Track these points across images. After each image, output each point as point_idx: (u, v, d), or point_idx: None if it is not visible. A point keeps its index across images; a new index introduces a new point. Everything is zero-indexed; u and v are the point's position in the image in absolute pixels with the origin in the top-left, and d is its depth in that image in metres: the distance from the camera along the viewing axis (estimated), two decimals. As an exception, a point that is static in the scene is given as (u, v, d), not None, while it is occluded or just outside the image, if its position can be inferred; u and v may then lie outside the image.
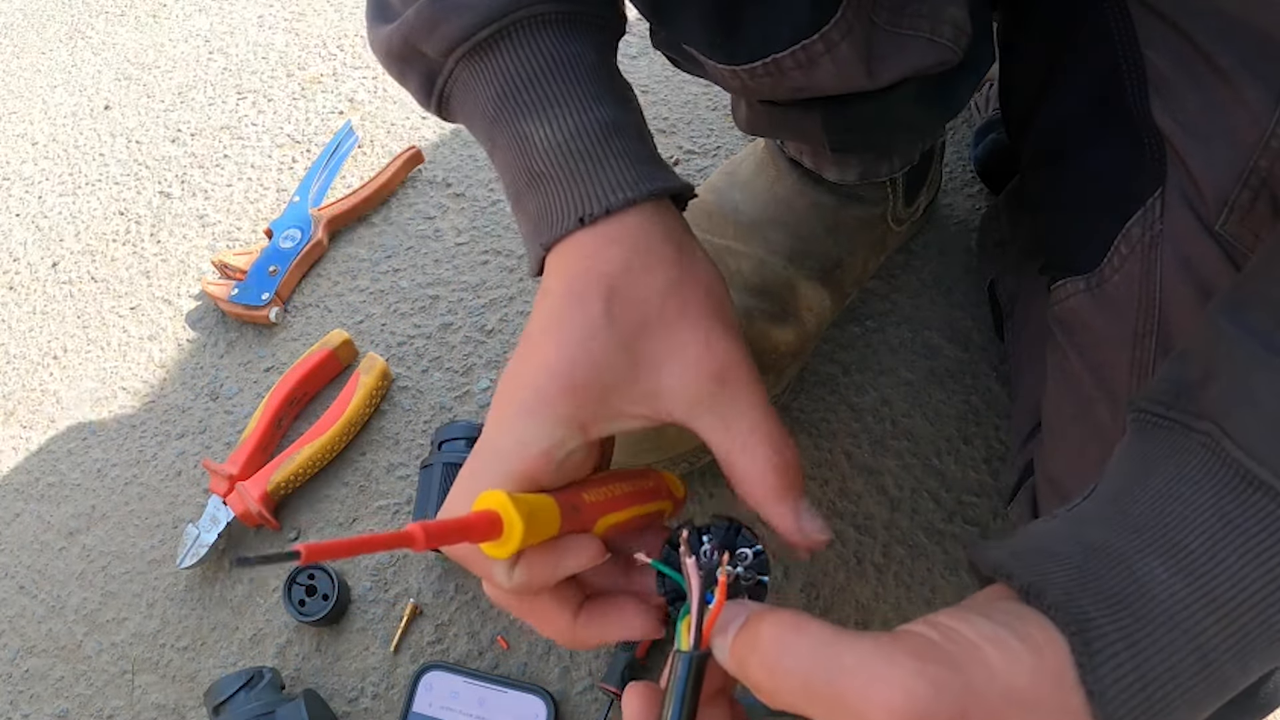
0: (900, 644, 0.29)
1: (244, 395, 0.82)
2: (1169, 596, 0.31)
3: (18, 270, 0.95)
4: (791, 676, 0.30)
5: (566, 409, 0.36)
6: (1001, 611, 0.31)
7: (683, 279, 0.39)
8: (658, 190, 0.40)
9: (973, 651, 0.29)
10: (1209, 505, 0.31)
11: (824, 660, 0.29)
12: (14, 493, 0.81)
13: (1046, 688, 0.29)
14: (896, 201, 0.70)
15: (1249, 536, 0.31)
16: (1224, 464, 0.32)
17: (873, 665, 0.28)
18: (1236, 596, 0.30)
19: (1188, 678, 0.31)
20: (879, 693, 0.28)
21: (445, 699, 0.65)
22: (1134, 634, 0.30)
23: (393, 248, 0.88)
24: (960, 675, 0.28)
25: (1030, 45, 0.54)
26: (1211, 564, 0.31)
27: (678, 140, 0.89)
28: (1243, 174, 0.40)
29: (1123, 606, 0.31)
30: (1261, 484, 0.31)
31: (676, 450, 0.67)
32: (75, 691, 0.71)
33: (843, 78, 0.45)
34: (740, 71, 0.46)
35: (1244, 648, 0.31)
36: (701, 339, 0.38)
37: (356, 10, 1.09)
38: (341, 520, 0.74)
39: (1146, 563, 0.31)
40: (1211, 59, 0.40)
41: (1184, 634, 0.30)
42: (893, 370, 0.75)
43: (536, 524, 0.33)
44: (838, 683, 0.28)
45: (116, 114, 1.06)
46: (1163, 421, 0.34)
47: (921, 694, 0.28)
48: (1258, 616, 0.31)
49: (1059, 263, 0.51)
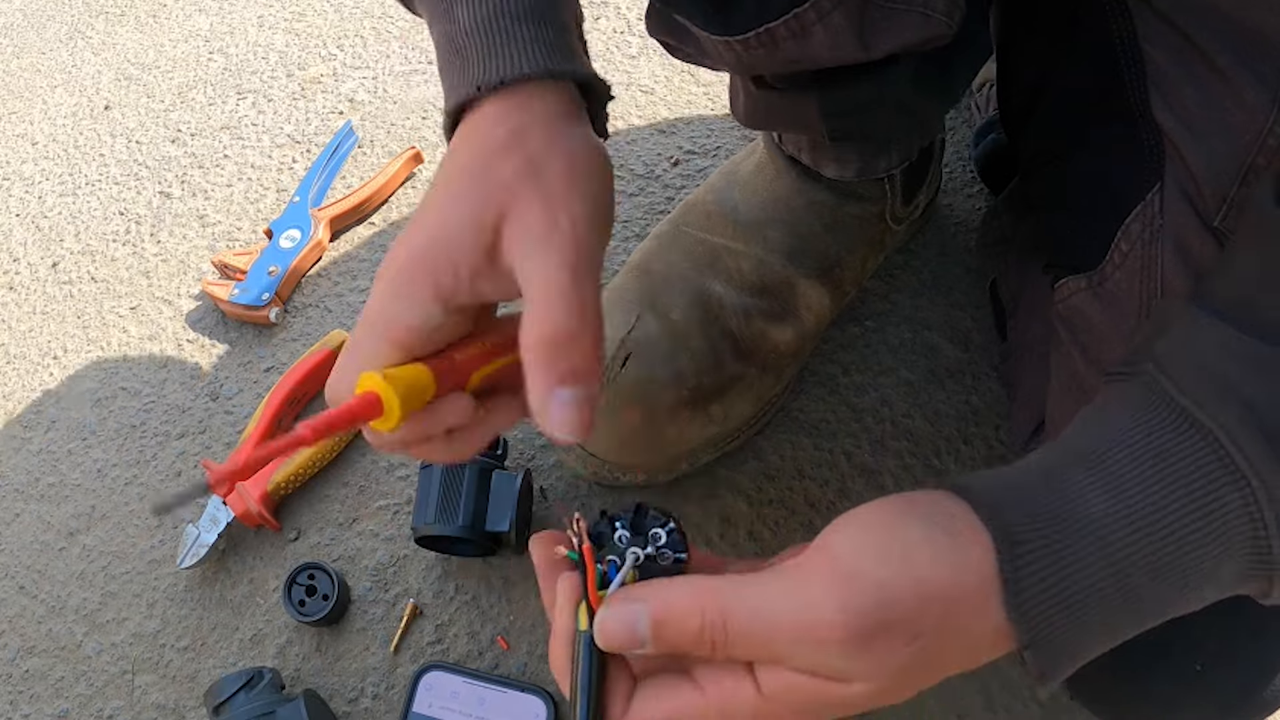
0: (813, 574, 0.33)
1: (244, 395, 0.82)
2: (1092, 513, 0.33)
3: (18, 270, 0.95)
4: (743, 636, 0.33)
5: (426, 289, 0.37)
6: (941, 513, 0.34)
7: (548, 152, 0.37)
8: (557, 71, 0.39)
9: (905, 553, 0.33)
10: (1142, 437, 0.34)
11: (759, 611, 0.33)
12: (14, 493, 0.81)
13: (969, 580, 0.33)
14: (895, 200, 0.70)
15: (1175, 466, 0.33)
16: (1161, 401, 0.34)
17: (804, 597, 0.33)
18: (1157, 517, 0.33)
19: (1101, 585, 0.33)
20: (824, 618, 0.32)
21: (445, 699, 0.65)
22: (1054, 539, 0.33)
23: (393, 248, 0.88)
24: (883, 590, 0.32)
25: (1029, 42, 0.54)
26: (1138, 486, 0.33)
27: (678, 140, 0.89)
28: (1241, 171, 0.40)
29: (1048, 514, 0.33)
30: (1193, 421, 0.33)
31: (675, 450, 0.67)
32: (75, 691, 0.71)
33: (836, 48, 0.46)
34: (735, 43, 0.47)
35: (1158, 566, 0.33)
36: (540, 204, 0.36)
37: (356, 10, 1.09)
38: (341, 520, 0.74)
39: (1075, 478, 0.34)
40: (1209, 57, 0.40)
41: (1102, 545, 0.33)
42: (893, 370, 0.75)
43: (412, 396, 0.36)
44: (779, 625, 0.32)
45: (116, 114, 1.06)
46: (1119, 376, 0.37)
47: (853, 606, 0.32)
48: (1173, 537, 0.33)
49: (1061, 261, 0.51)
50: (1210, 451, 0.33)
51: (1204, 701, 0.49)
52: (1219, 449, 0.33)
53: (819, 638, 0.32)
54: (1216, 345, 0.34)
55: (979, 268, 0.78)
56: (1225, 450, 0.33)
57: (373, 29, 1.07)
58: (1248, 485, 0.32)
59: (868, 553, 0.33)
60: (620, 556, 0.37)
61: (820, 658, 0.32)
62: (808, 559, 0.34)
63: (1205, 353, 0.34)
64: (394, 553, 0.72)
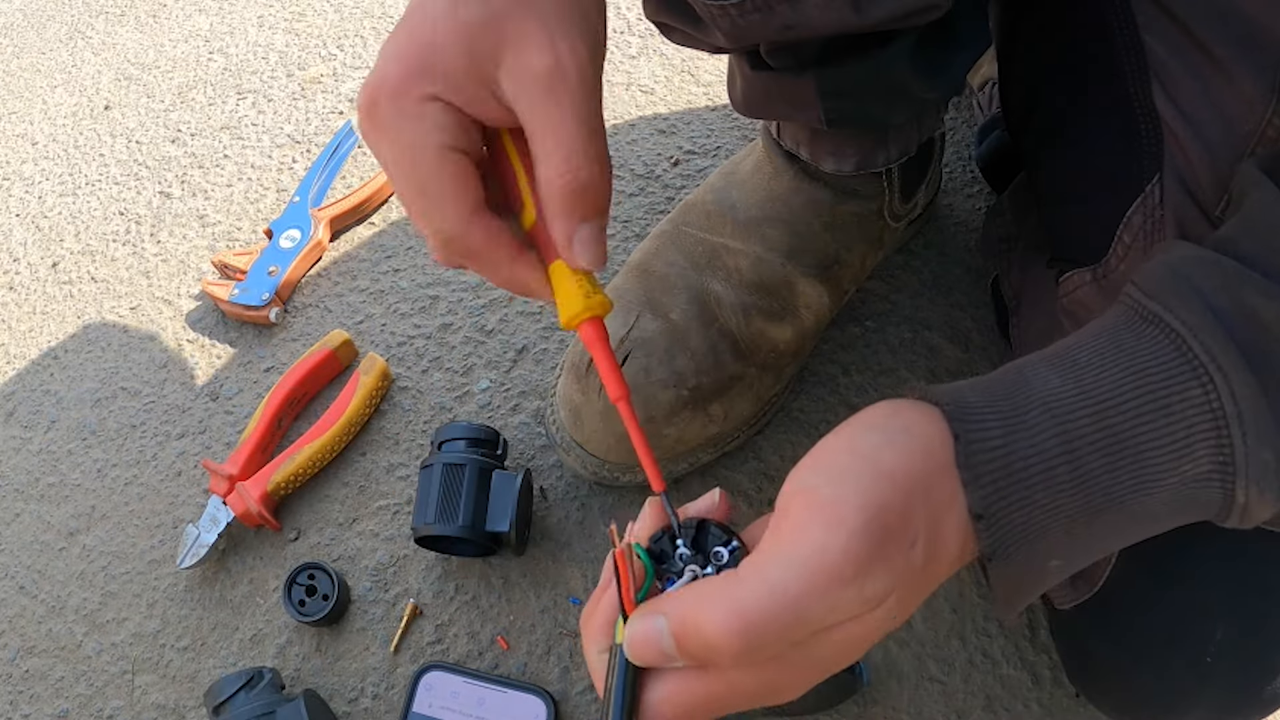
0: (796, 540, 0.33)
1: (244, 395, 0.82)
2: (1046, 389, 0.34)
3: (18, 270, 0.95)
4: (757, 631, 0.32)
5: (428, 104, 0.37)
6: (894, 414, 0.35)
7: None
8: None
9: (872, 461, 0.33)
10: (1106, 332, 0.35)
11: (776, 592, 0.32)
12: (14, 493, 0.81)
13: (936, 457, 0.33)
14: (893, 197, 0.69)
15: (1134, 355, 0.34)
16: (1128, 305, 0.35)
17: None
18: (1111, 399, 0.33)
19: (1052, 457, 0.33)
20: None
21: (445, 699, 0.65)
22: (1007, 413, 0.33)
23: (393, 248, 0.88)
24: (867, 500, 0.32)
25: (1029, 36, 0.54)
26: (1095, 371, 0.34)
27: (678, 140, 0.89)
28: (1240, 161, 0.40)
29: (1002, 393, 0.34)
30: (1157, 319, 0.34)
31: (676, 450, 0.67)
32: (75, 691, 0.71)
33: (830, 12, 0.45)
34: (730, 8, 0.46)
35: (1113, 446, 0.33)
36: (540, 37, 0.36)
37: (356, 10, 1.09)
38: (341, 520, 0.74)
39: (1035, 366, 0.35)
40: (1207, 47, 0.41)
41: (1054, 419, 0.33)
42: (893, 370, 0.75)
43: (585, 289, 0.40)
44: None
45: (116, 114, 1.06)
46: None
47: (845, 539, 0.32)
48: (1128, 422, 0.33)
49: (1065, 255, 0.52)
50: (1172, 346, 0.33)
51: (1210, 696, 0.49)
52: (1181, 344, 0.33)
53: (841, 579, 0.31)
54: (1188, 258, 0.35)
55: (981, 266, 0.78)
56: (1188, 346, 0.33)
57: (373, 29, 1.07)
58: (1210, 381, 0.32)
59: (839, 477, 0.33)
60: (679, 574, 0.36)
61: (852, 596, 0.32)
62: (788, 509, 0.34)
63: (1177, 265, 0.35)
64: (394, 553, 0.72)
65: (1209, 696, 0.49)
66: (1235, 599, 0.47)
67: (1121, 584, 0.50)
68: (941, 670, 0.64)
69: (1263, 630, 0.47)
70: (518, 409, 0.76)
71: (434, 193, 0.38)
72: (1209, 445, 0.32)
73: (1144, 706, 0.53)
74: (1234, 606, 0.47)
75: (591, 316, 0.40)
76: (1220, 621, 0.47)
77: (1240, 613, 0.47)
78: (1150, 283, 0.35)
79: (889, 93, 0.56)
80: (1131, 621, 0.50)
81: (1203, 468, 0.33)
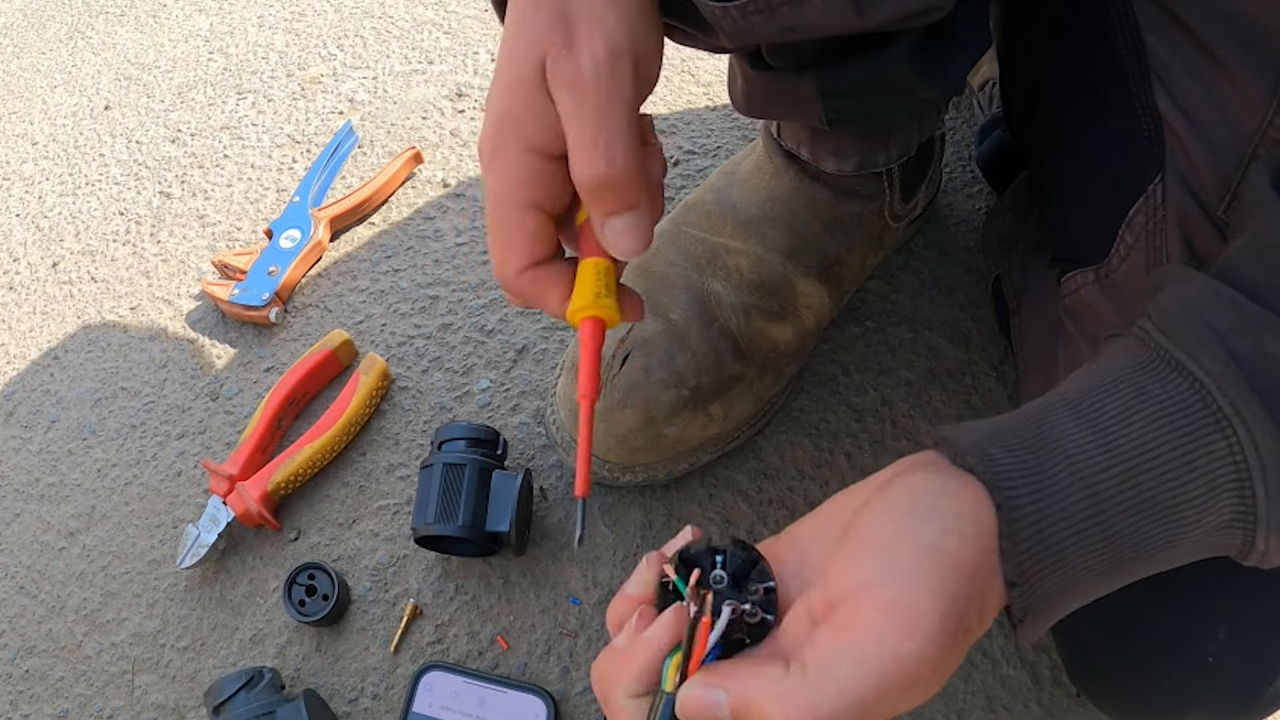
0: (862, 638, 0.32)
1: (244, 395, 0.82)
2: (1073, 445, 0.33)
3: (18, 270, 0.95)
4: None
5: (517, 146, 0.39)
6: (930, 492, 0.34)
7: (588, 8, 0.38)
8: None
9: (937, 553, 0.32)
10: (1126, 379, 0.34)
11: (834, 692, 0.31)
12: (14, 493, 0.81)
13: (985, 534, 0.33)
14: (893, 197, 0.69)
15: (1158, 405, 0.33)
16: (1148, 348, 0.35)
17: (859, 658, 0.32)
18: (1138, 455, 0.33)
19: (1082, 520, 0.33)
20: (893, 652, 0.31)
21: (445, 699, 0.65)
22: (1033, 472, 0.33)
23: (393, 248, 0.88)
24: (939, 599, 0.31)
25: (1030, 37, 0.54)
26: (1120, 424, 0.33)
27: (678, 140, 0.89)
28: (1242, 161, 0.40)
29: (1023, 448, 0.34)
30: (1179, 367, 0.33)
31: (676, 450, 0.67)
32: (75, 691, 0.71)
33: (832, 14, 0.46)
34: (732, 9, 0.46)
35: (1140, 505, 0.33)
36: (564, 46, 0.38)
37: (356, 10, 1.09)
38: (341, 520, 0.74)
39: (1057, 414, 0.34)
40: (1209, 48, 0.41)
41: (1081, 478, 0.33)
42: (893, 370, 0.75)
43: (611, 289, 0.42)
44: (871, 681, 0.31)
45: (116, 114, 1.06)
46: (1115, 335, 0.38)
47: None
48: (1155, 479, 0.33)
49: (1067, 254, 0.52)
50: (1196, 397, 0.33)
51: (1212, 696, 0.49)
52: (1205, 395, 0.33)
53: (916, 683, 0.31)
54: (1205, 296, 0.35)
55: (982, 266, 0.78)
56: (1212, 397, 0.33)
57: (373, 29, 1.07)
58: (1233, 433, 0.32)
59: (906, 575, 0.32)
60: (717, 612, 0.36)
61: (917, 694, 0.32)
62: (854, 606, 0.32)
63: (1194, 304, 0.35)
64: (394, 553, 0.72)
65: (1211, 697, 0.49)
66: (1237, 599, 0.47)
67: (1123, 585, 0.50)
68: (942, 670, 0.64)
69: (1265, 630, 0.47)
70: (518, 409, 0.76)
71: (502, 242, 0.41)
72: (1231, 496, 0.33)
73: (1145, 707, 0.53)
74: (1236, 607, 0.47)
75: (594, 316, 0.41)
76: (1222, 622, 0.47)
77: (1242, 613, 0.47)
78: (1168, 322, 0.35)
79: (890, 93, 0.56)
80: (1133, 622, 0.50)
81: (1224, 517, 0.33)
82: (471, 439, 0.68)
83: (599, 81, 0.38)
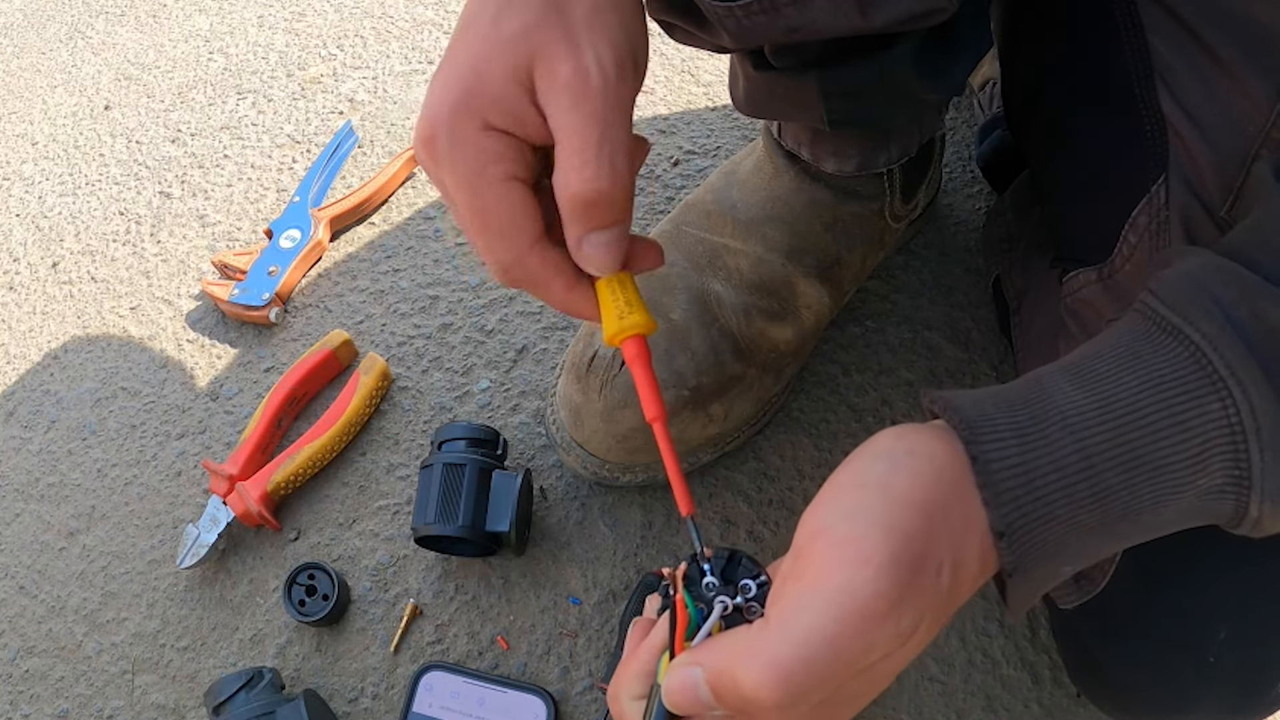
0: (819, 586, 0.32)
1: (244, 395, 0.82)
2: (1065, 401, 0.33)
3: (18, 270, 0.95)
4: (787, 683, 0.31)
5: (474, 127, 0.37)
6: (898, 438, 0.34)
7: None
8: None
9: (884, 490, 0.33)
10: (1123, 343, 0.35)
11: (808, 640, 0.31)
12: (14, 493, 0.81)
13: (949, 476, 0.33)
14: (894, 197, 0.69)
15: (1151, 368, 0.33)
16: (1146, 316, 0.35)
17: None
18: (1129, 414, 0.33)
19: (1072, 473, 0.33)
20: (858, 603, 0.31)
21: (445, 699, 0.65)
22: (1024, 426, 0.33)
23: (393, 248, 0.88)
24: (890, 532, 0.32)
25: (1032, 37, 0.54)
26: (1113, 384, 0.33)
27: (678, 140, 0.89)
28: (1245, 162, 0.40)
29: (1020, 403, 0.34)
30: (1173, 328, 0.34)
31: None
32: (75, 691, 0.71)
33: (836, 15, 0.45)
34: (736, 9, 0.46)
35: (1131, 462, 0.33)
36: (564, 47, 0.36)
37: (356, 10, 1.09)
38: (341, 520, 0.74)
39: (1053, 376, 0.35)
40: (1213, 50, 0.41)
41: (1071, 432, 0.33)
42: (893, 370, 0.75)
43: (633, 296, 0.40)
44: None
45: (116, 114, 1.06)
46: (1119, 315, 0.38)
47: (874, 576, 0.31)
48: (1147, 437, 0.33)
49: (1069, 254, 0.52)
50: (1192, 360, 0.33)
51: (1213, 696, 0.49)
52: (1200, 356, 0.33)
53: (874, 617, 0.31)
54: (1206, 266, 0.35)
55: (982, 266, 0.78)
56: (1207, 358, 0.32)
57: (373, 29, 1.07)
58: (1229, 395, 0.32)
59: (853, 512, 0.32)
60: (708, 604, 0.36)
61: (889, 632, 0.31)
62: (807, 551, 0.33)
63: (1194, 272, 0.34)
64: (394, 553, 0.72)
65: (1212, 697, 0.49)
66: (1238, 598, 0.47)
67: (1124, 584, 0.50)
68: (941, 670, 0.64)
69: (1266, 630, 0.47)
70: (518, 409, 0.76)
71: (494, 224, 0.38)
72: (1224, 459, 0.32)
73: (1146, 707, 0.53)
74: (1237, 606, 0.47)
75: (632, 335, 0.40)
76: (1223, 621, 0.47)
77: (1243, 612, 0.47)
78: (1168, 292, 0.35)
79: (891, 94, 0.57)
80: (1134, 621, 0.50)
81: (1216, 480, 0.33)
82: (471, 439, 0.68)
83: (605, 87, 0.36)
